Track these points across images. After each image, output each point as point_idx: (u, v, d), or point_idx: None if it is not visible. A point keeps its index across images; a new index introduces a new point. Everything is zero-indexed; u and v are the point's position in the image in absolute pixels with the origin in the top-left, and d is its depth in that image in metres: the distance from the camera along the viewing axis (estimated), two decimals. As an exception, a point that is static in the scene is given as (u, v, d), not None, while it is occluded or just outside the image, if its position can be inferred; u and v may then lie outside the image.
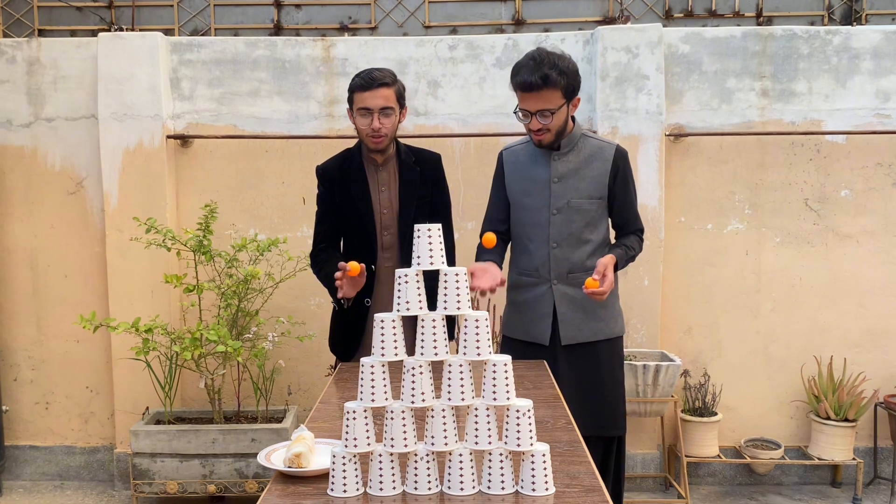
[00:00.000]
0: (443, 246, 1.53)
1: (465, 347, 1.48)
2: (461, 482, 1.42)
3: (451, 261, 2.68)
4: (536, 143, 2.46)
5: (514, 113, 2.45)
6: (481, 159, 3.68)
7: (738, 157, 3.67)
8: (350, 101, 2.56)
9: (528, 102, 2.37)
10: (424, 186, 2.66)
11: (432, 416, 1.44)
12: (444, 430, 1.43)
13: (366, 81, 2.49)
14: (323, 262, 2.65)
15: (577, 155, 2.48)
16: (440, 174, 2.73)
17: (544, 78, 2.30)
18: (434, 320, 1.48)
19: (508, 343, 2.62)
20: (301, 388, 3.80)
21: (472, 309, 1.53)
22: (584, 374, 2.48)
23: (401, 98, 2.57)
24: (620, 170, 2.49)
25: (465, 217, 3.69)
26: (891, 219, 3.67)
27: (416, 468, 1.43)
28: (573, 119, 2.49)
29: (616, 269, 2.43)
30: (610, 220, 2.59)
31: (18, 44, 3.69)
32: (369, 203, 2.60)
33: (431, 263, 1.52)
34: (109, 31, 3.95)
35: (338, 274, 2.39)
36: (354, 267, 2.25)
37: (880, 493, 3.64)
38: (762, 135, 3.64)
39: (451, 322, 2.64)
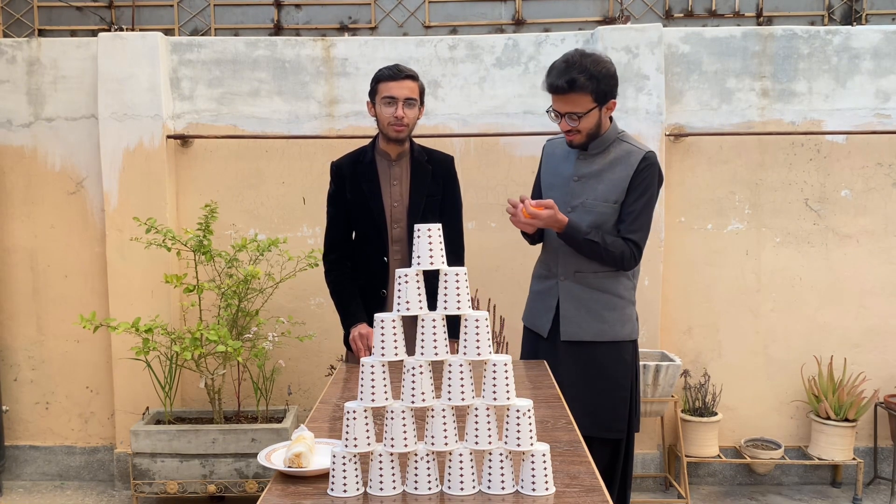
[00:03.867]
0: (443, 246, 1.54)
1: (465, 347, 1.48)
2: (461, 482, 1.42)
3: (461, 261, 2.72)
4: (568, 143, 2.48)
5: (547, 112, 2.46)
6: (481, 159, 3.68)
7: (738, 157, 3.67)
8: (373, 92, 2.62)
9: (558, 104, 2.39)
10: (435, 185, 2.71)
11: (432, 416, 1.44)
12: (444, 430, 1.43)
13: (393, 72, 2.58)
14: (339, 285, 2.73)
15: (604, 157, 2.46)
16: (452, 175, 2.78)
17: (571, 83, 2.31)
18: (434, 320, 1.48)
19: (524, 330, 2.70)
20: (301, 388, 3.80)
21: (472, 309, 1.53)
22: (582, 372, 2.47)
23: (422, 94, 2.66)
24: (640, 174, 2.43)
25: (465, 217, 3.67)
26: (891, 219, 3.67)
27: (416, 468, 1.43)
28: (611, 119, 2.48)
29: (566, 235, 2.40)
30: None
31: (18, 44, 3.69)
32: (380, 195, 2.65)
33: (431, 263, 1.52)
34: (109, 31, 3.95)
35: (356, 348, 2.58)
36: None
37: (880, 493, 3.64)
38: (762, 135, 3.64)
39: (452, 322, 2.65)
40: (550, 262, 2.54)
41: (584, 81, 2.30)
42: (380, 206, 2.65)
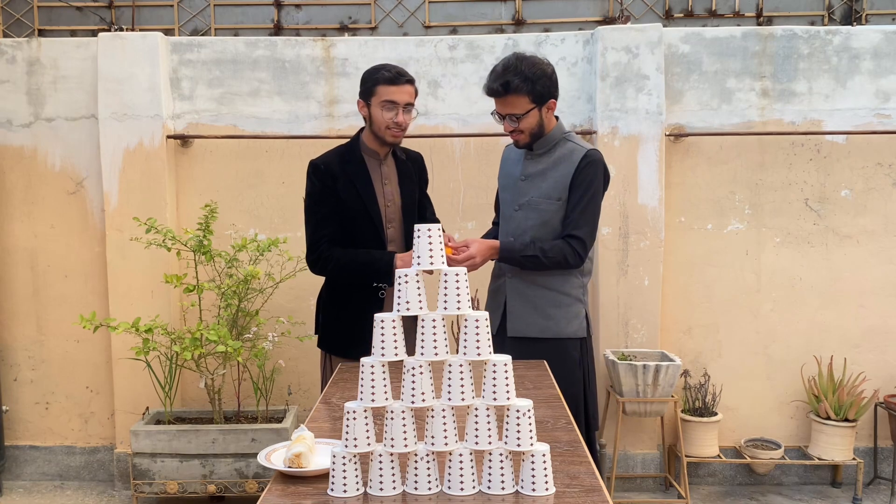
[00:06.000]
0: (443, 245, 1.54)
1: (465, 347, 1.48)
2: (461, 482, 1.42)
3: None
4: (514, 143, 2.57)
5: (491, 115, 2.54)
6: (481, 159, 3.68)
7: (738, 157, 3.67)
8: (369, 92, 2.53)
9: (498, 106, 2.47)
10: (416, 182, 2.75)
11: (432, 416, 1.44)
12: (444, 430, 1.43)
13: (394, 76, 2.51)
14: (345, 253, 2.56)
15: (549, 156, 2.53)
16: (426, 172, 2.83)
17: (505, 85, 2.38)
18: (434, 320, 1.48)
19: None
20: (301, 388, 3.80)
21: (472, 309, 1.53)
22: None
23: (416, 97, 2.64)
24: (581, 171, 2.46)
25: (465, 217, 3.69)
26: (891, 219, 3.67)
27: (416, 468, 1.43)
28: (557, 118, 2.54)
29: (504, 259, 2.48)
30: None
31: (18, 44, 3.69)
32: (374, 196, 2.62)
33: (432, 263, 1.52)
34: (109, 31, 3.95)
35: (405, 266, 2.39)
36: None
37: (880, 493, 3.64)
38: (762, 135, 3.64)
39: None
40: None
41: (518, 83, 2.37)
42: (376, 207, 2.61)
